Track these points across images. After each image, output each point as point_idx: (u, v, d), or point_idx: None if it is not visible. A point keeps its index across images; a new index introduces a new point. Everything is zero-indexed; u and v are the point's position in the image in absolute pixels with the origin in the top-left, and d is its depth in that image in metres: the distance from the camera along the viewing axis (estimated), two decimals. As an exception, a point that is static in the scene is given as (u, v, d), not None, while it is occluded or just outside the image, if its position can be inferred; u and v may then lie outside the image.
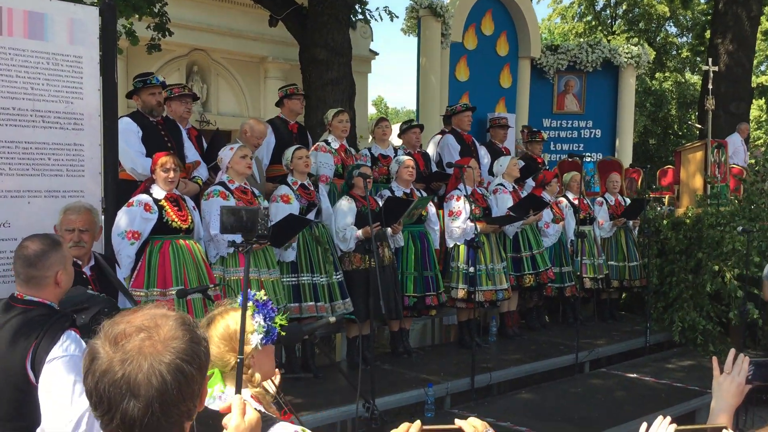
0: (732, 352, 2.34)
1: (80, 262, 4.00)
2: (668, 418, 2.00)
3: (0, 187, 4.37)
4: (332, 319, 3.25)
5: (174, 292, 4.74)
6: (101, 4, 4.80)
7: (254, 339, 2.20)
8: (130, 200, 4.84)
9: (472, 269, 6.51)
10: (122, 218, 4.79)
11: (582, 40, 19.20)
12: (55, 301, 2.83)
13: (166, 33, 9.45)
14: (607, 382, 6.74)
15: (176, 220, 4.93)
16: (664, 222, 8.30)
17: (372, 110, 40.86)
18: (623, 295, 8.99)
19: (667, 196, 12.04)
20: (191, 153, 5.79)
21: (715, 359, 2.40)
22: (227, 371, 2.22)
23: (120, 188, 5.07)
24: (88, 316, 2.88)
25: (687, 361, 7.41)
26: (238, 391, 2.15)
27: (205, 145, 6.10)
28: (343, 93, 8.91)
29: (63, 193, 4.61)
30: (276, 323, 2.26)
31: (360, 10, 10.69)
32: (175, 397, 1.29)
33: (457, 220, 6.79)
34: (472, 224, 6.59)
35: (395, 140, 8.17)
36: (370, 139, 7.54)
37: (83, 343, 2.65)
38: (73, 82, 4.67)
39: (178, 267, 4.93)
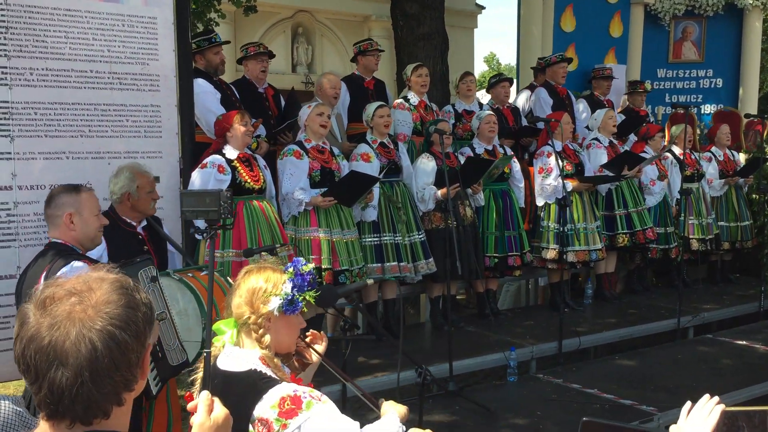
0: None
1: (134, 223, 4.07)
2: (715, 398, 1.75)
3: (81, 149, 4.52)
4: (369, 281, 3.15)
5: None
6: (174, -36, 4.83)
7: (274, 302, 2.15)
8: (204, 162, 4.84)
9: (564, 228, 6.19)
10: (196, 180, 4.80)
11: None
12: (76, 243, 2.96)
13: (261, -6, 9.46)
14: (712, 349, 6.29)
15: (249, 180, 4.93)
16: (785, 178, 7.58)
17: (484, 67, 39.95)
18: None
19: (796, 150, 11.01)
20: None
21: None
22: (241, 324, 2.19)
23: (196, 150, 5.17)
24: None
25: (806, 328, 6.79)
26: (205, 386, 2.11)
27: (282, 103, 6.08)
28: (435, 48, 8.64)
29: (141, 154, 4.72)
30: (304, 298, 2.20)
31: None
32: (106, 366, 1.21)
33: (548, 177, 6.46)
34: (566, 182, 6.25)
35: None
36: (453, 95, 7.30)
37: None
38: (148, 43, 4.75)
39: (252, 228, 4.94)
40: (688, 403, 1.76)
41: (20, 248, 4.27)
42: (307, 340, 2.52)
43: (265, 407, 1.97)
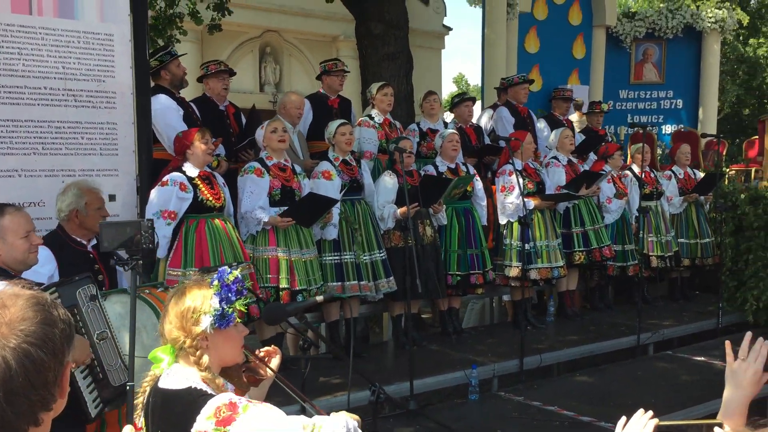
0: (748, 336, 2.06)
1: (83, 241, 4.01)
2: (649, 413, 1.77)
3: (34, 167, 4.46)
4: (319, 298, 3.13)
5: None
6: (131, -20, 4.80)
7: (205, 321, 2.09)
8: (164, 179, 4.77)
9: (527, 246, 6.23)
10: (156, 198, 4.73)
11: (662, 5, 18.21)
12: (5, 266, 2.88)
13: (226, 13, 9.48)
14: (672, 365, 6.34)
15: (210, 198, 4.87)
16: (742, 196, 7.72)
17: (453, 87, 40.34)
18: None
19: (753, 169, 11.27)
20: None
21: (728, 343, 2.12)
22: (178, 349, 2.13)
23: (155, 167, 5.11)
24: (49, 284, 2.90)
25: (763, 344, 6.88)
26: (128, 418, 2.06)
27: (244, 121, 6.06)
28: (400, 68, 8.72)
29: (97, 172, 4.67)
30: (234, 308, 2.14)
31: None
32: (21, 385, 1.16)
33: (509, 195, 6.51)
34: (527, 200, 6.30)
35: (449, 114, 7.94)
36: (417, 113, 7.34)
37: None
38: (104, 60, 4.72)
39: (215, 246, 4.89)
40: (623, 418, 1.78)
41: (-30, 267, 4.18)
42: (261, 355, 2.48)
43: (202, 420, 1.93)
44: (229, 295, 2.11)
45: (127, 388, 2.20)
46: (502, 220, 6.63)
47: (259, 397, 2.44)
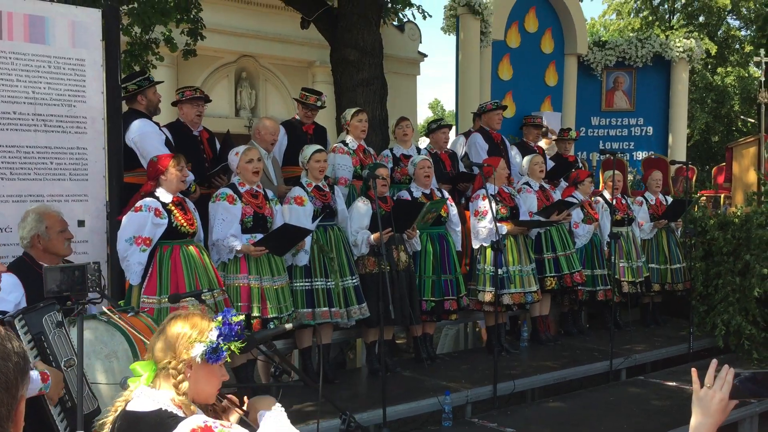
0: (714, 363, 2.08)
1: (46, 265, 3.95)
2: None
3: (2, 192, 4.41)
4: (288, 326, 3.11)
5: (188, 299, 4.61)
6: (104, 6, 4.80)
7: (197, 349, 2.12)
8: (137, 204, 4.70)
9: (500, 271, 6.26)
10: (130, 223, 4.65)
11: (632, 34, 18.58)
12: None
13: (199, 38, 9.50)
14: (644, 390, 6.36)
15: (185, 224, 4.83)
16: (711, 222, 7.84)
17: (429, 113, 40.67)
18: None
19: (722, 195, 11.46)
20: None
21: (694, 371, 2.13)
22: (160, 367, 2.15)
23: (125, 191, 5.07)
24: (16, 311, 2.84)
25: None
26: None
27: (218, 146, 6.04)
28: (374, 94, 8.78)
29: (66, 197, 4.63)
30: (229, 348, 2.17)
31: (392, 9, 10.56)
32: None
33: (483, 220, 6.54)
34: (500, 225, 6.34)
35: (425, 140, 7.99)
36: (391, 139, 7.38)
37: None
38: (75, 85, 4.70)
39: (190, 273, 4.82)
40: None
41: (-68, 295, 4.09)
42: (223, 404, 2.47)
43: None
44: (230, 333, 2.15)
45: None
46: (476, 245, 6.66)
47: None
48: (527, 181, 7.16)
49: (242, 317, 2.26)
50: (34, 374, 2.77)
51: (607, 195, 7.69)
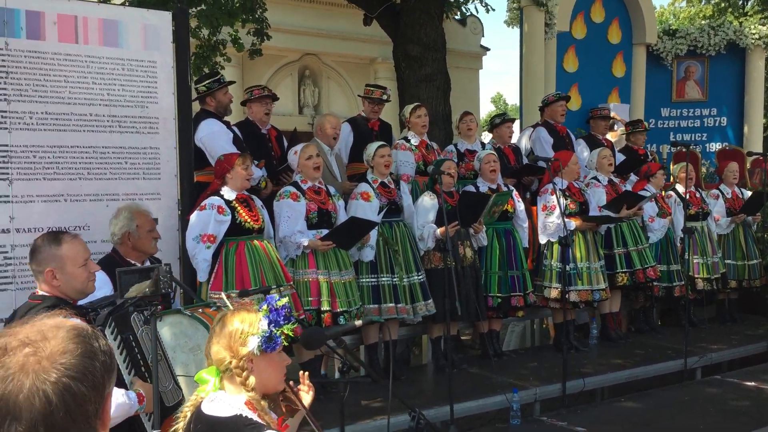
0: None
1: (137, 264, 4.08)
2: None
3: (79, 191, 4.56)
4: (358, 322, 3.10)
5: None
6: (174, 8, 4.91)
7: (252, 342, 2.12)
8: (202, 203, 4.84)
9: (568, 267, 6.14)
10: (195, 222, 4.79)
11: (704, 22, 17.94)
12: (63, 296, 2.86)
13: (265, 38, 9.63)
14: (720, 390, 6.15)
15: (249, 220, 4.92)
16: (791, 215, 7.52)
17: (491, 107, 40.27)
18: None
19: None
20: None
21: None
22: (223, 370, 2.15)
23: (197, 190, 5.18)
24: (104, 313, 2.90)
25: (816, 369, 6.65)
26: None
27: (285, 144, 6.11)
28: (437, 89, 8.73)
29: (140, 196, 4.75)
30: (282, 332, 2.16)
31: (454, 3, 10.48)
32: (61, 419, 1.14)
33: (550, 215, 6.43)
34: (569, 220, 6.21)
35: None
36: (455, 135, 7.32)
37: None
38: (147, 86, 4.81)
39: (255, 268, 4.92)
40: None
41: (17, 291, 4.28)
42: (297, 387, 2.49)
43: None
44: (278, 319, 2.14)
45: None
46: (543, 240, 6.55)
47: (293, 426, 2.44)
48: (595, 175, 7.00)
49: (286, 300, 2.23)
50: (132, 395, 2.84)
51: (680, 188, 7.45)
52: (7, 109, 4.27)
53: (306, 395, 2.49)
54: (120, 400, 2.76)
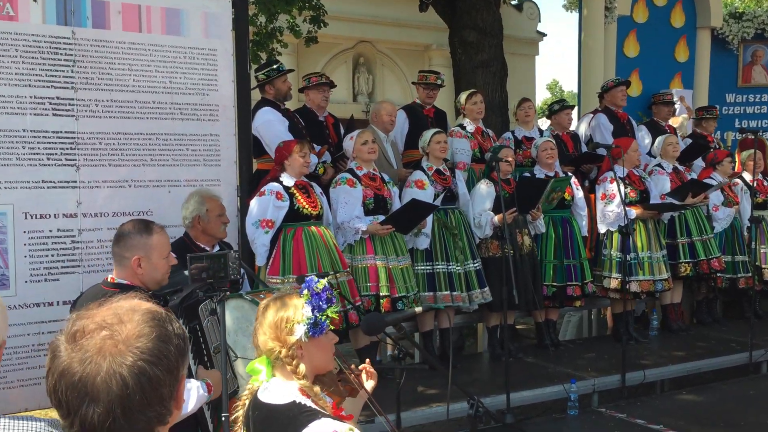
0: None
1: (207, 248, 4.16)
2: None
3: (143, 177, 4.65)
4: (418, 309, 3.09)
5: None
6: (233, -4, 4.95)
7: (299, 330, 2.11)
8: (262, 189, 4.92)
9: (628, 257, 6.01)
10: (255, 207, 4.88)
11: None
12: (140, 284, 2.89)
13: (322, 25, 9.66)
14: (787, 386, 5.96)
15: (307, 206, 4.97)
16: None
17: (547, 94, 39.62)
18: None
19: None
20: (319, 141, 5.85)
21: None
22: (273, 360, 2.14)
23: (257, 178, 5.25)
24: (179, 297, 2.94)
25: None
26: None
27: (341, 131, 6.13)
28: (494, 75, 8.62)
29: (201, 183, 4.83)
30: (327, 316, 2.15)
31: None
32: (138, 402, 1.17)
33: (610, 203, 6.30)
34: (629, 209, 6.07)
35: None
36: (512, 122, 7.21)
37: None
38: (208, 74, 4.87)
39: (311, 253, 4.97)
40: None
41: (83, 274, 4.40)
42: (358, 370, 2.48)
43: None
44: (320, 303, 2.13)
45: (222, 419, 2.24)
46: (602, 229, 6.43)
47: (354, 411, 2.43)
48: (659, 162, 6.81)
49: (325, 282, 2.19)
50: (200, 385, 2.87)
51: (747, 176, 7.20)
52: (74, 96, 4.38)
53: (368, 381, 2.49)
54: (200, 393, 2.80)
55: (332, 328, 2.21)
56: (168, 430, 1.28)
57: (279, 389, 2.09)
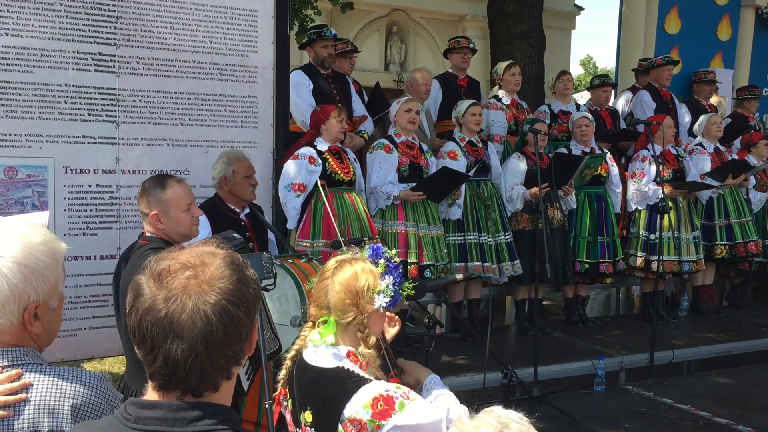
0: None
1: (237, 210, 4.18)
2: None
3: (181, 137, 4.68)
4: (459, 276, 3.08)
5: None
6: (275, -43, 4.90)
7: (378, 301, 2.09)
8: (296, 153, 4.92)
9: (652, 236, 5.94)
10: (288, 170, 4.88)
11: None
12: (167, 237, 2.91)
13: (357, -9, 9.56)
14: (818, 371, 5.89)
15: (339, 172, 4.97)
16: None
17: (580, 70, 39.04)
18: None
19: None
20: (358, 107, 5.82)
21: None
22: (342, 324, 2.10)
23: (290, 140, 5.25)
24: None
25: None
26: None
27: (366, 98, 6.09)
28: (531, 47, 8.48)
29: (237, 144, 4.84)
30: (404, 291, 2.15)
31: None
32: (220, 340, 1.21)
33: (639, 181, 6.22)
34: (657, 187, 5.98)
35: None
36: (548, 95, 7.11)
37: None
38: (248, 35, 4.86)
39: (342, 219, 4.98)
40: None
41: (121, 230, 4.46)
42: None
43: (357, 407, 1.92)
44: (397, 275, 2.12)
45: (266, 406, 2.25)
46: (631, 207, 6.36)
47: (414, 375, 2.43)
48: (701, 141, 6.69)
49: (394, 252, 2.20)
50: None
51: (783, 160, 7.06)
52: (116, 53, 4.40)
53: (391, 328, 2.47)
54: None
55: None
56: (237, 373, 1.31)
57: (328, 352, 2.07)
